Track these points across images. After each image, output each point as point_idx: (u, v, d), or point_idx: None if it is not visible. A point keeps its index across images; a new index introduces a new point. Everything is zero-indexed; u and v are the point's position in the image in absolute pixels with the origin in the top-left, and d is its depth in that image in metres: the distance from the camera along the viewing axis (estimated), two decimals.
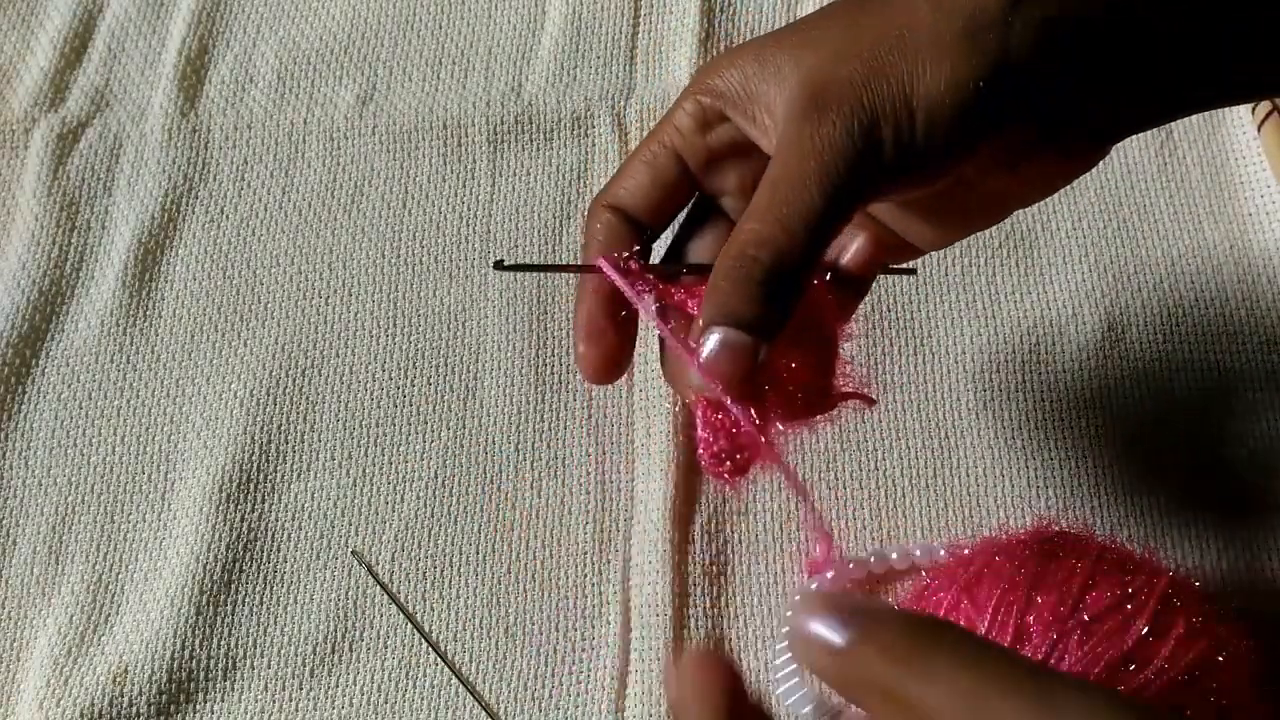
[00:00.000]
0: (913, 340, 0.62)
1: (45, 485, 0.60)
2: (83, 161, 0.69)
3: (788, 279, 0.37)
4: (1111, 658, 0.44)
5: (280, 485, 0.60)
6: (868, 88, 0.37)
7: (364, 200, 0.68)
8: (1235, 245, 0.65)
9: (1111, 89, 0.39)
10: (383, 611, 0.57)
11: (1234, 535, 0.57)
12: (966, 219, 0.44)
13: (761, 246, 0.37)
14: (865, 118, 0.37)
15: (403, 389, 0.62)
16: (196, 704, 0.54)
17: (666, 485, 0.58)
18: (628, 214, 0.43)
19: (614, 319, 0.42)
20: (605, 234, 0.42)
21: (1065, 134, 0.40)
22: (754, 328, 0.37)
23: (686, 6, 0.73)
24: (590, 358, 0.43)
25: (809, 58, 0.38)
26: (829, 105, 0.37)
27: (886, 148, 0.37)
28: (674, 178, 0.43)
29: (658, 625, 0.55)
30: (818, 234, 0.37)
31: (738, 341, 0.37)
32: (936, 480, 0.59)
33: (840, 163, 0.37)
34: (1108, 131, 0.41)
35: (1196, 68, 0.39)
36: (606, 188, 0.43)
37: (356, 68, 0.72)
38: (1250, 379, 0.61)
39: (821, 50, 0.38)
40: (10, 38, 0.73)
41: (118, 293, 0.65)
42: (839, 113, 0.37)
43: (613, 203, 0.43)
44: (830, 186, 0.37)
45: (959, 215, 0.44)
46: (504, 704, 0.55)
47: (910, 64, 0.37)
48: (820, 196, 0.37)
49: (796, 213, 0.37)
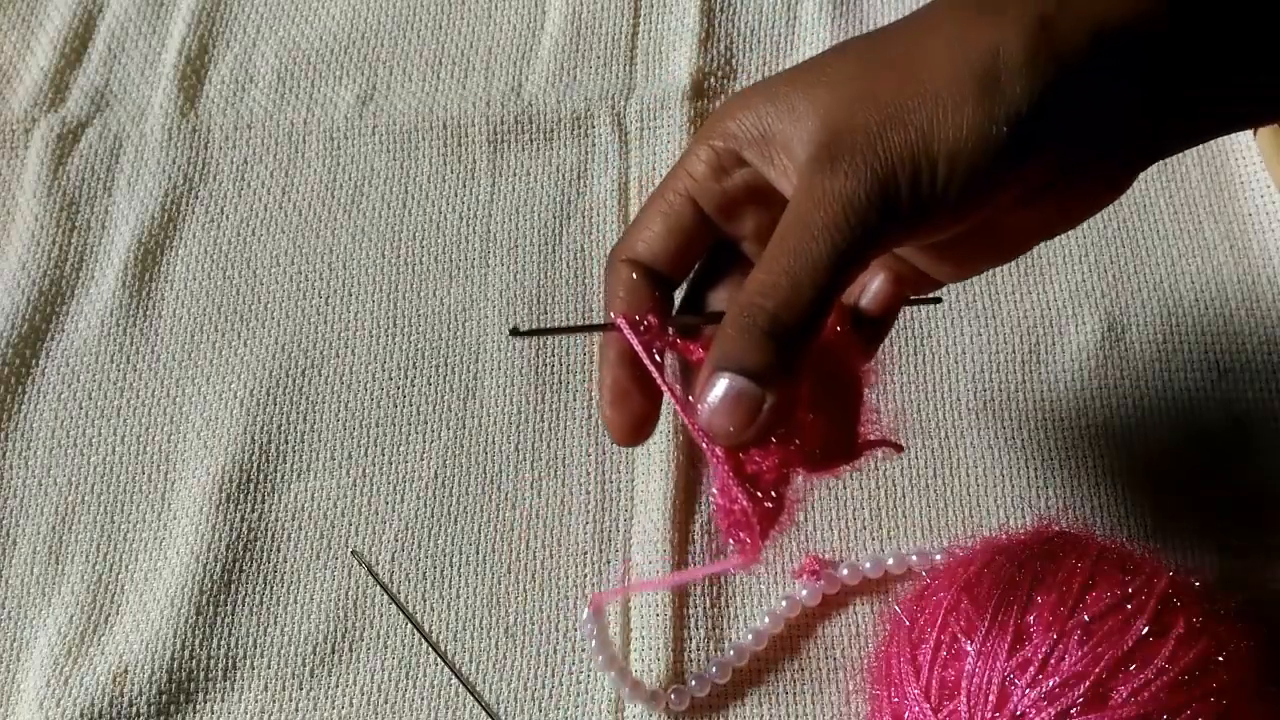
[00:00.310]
0: (913, 340, 0.62)
1: (45, 485, 0.60)
2: (83, 161, 0.69)
3: (795, 329, 0.37)
4: (1111, 658, 0.44)
5: (280, 485, 0.60)
6: (883, 137, 0.36)
7: (364, 200, 0.68)
8: (1235, 245, 0.65)
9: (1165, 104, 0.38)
10: (383, 611, 0.57)
11: (1234, 535, 0.57)
12: (989, 255, 0.43)
13: (768, 296, 0.36)
14: (881, 169, 0.36)
15: (403, 389, 0.62)
16: (196, 704, 0.54)
17: (666, 485, 0.58)
18: (647, 266, 0.42)
19: (639, 381, 0.42)
20: (625, 289, 0.42)
21: (1101, 163, 0.39)
22: (759, 376, 0.37)
23: (686, 6, 0.73)
24: (617, 421, 0.42)
25: (825, 97, 0.38)
26: (842, 155, 0.36)
27: (903, 199, 0.36)
28: (691, 226, 0.42)
29: (657, 625, 0.55)
30: (826, 286, 0.37)
31: (742, 389, 0.37)
32: (936, 480, 0.59)
33: (852, 215, 0.36)
34: (1146, 152, 0.40)
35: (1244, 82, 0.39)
36: (623, 240, 0.43)
37: (356, 68, 0.72)
38: (1250, 379, 0.61)
39: (837, 91, 0.38)
40: (10, 37, 0.73)
41: (118, 292, 0.65)
42: (852, 163, 0.36)
43: (631, 256, 0.42)
44: (840, 239, 0.36)
45: (981, 252, 0.43)
46: (504, 704, 0.55)
47: (929, 111, 0.36)
48: (829, 249, 0.36)
49: (805, 264, 0.36)
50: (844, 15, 0.73)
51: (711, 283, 0.44)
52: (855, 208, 0.36)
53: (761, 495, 0.39)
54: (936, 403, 0.61)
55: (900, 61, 0.37)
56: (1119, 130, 0.38)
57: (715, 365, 0.37)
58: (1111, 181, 0.41)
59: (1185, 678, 0.44)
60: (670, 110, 0.69)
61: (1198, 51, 0.38)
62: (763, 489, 0.40)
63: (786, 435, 0.39)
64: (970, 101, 0.36)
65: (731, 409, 0.37)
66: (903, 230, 0.37)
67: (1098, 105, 0.37)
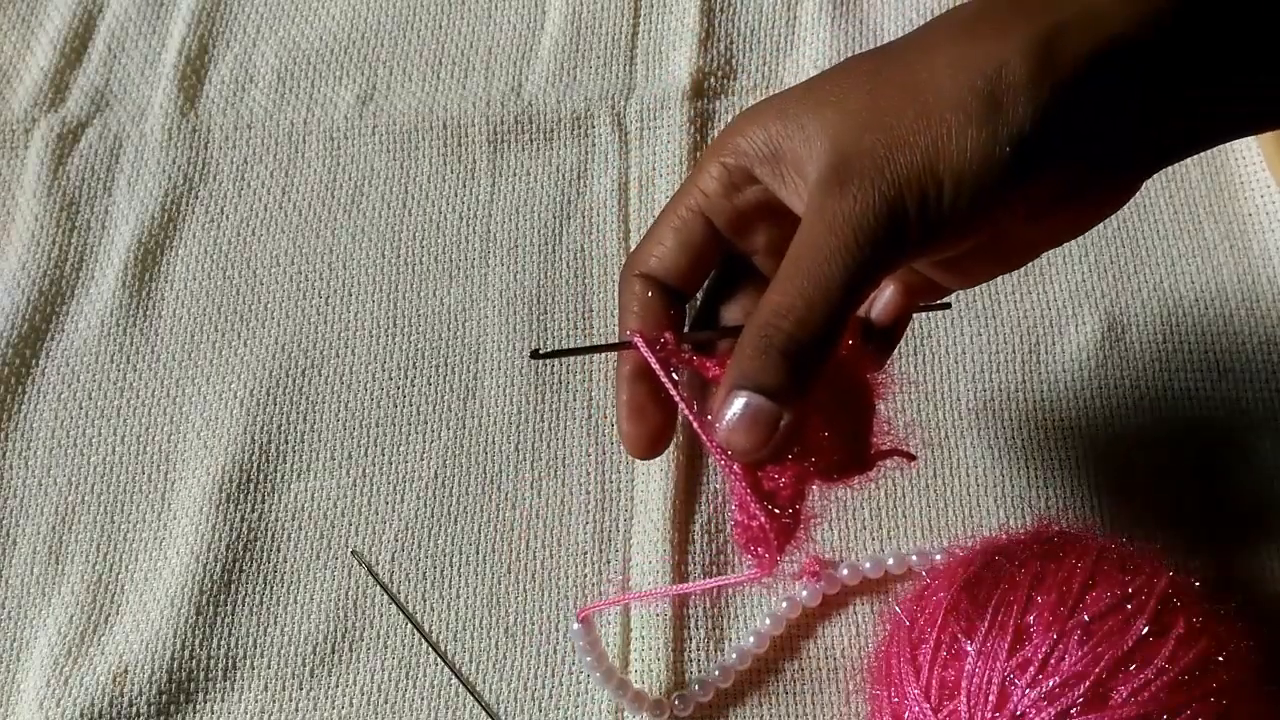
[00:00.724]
0: (913, 340, 0.62)
1: (45, 485, 0.60)
2: (83, 161, 0.69)
3: (810, 349, 0.37)
4: (1111, 658, 0.44)
5: (280, 485, 0.60)
6: (890, 161, 0.37)
7: (364, 200, 0.68)
8: (1235, 245, 0.65)
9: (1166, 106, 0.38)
10: (383, 611, 0.57)
11: (1234, 535, 0.57)
12: (997, 264, 0.44)
13: (784, 317, 0.37)
14: (889, 191, 0.37)
15: (403, 389, 0.62)
16: (196, 704, 0.54)
17: (666, 485, 0.58)
18: (659, 281, 0.43)
19: (655, 397, 0.42)
20: (639, 304, 0.42)
21: (1108, 174, 0.40)
22: (776, 394, 0.37)
23: (686, 6, 0.73)
24: (634, 436, 0.43)
25: (833, 118, 0.38)
26: (851, 178, 0.37)
27: (911, 220, 0.37)
28: (703, 241, 0.42)
29: (657, 625, 0.55)
30: (840, 307, 0.37)
31: (760, 407, 0.38)
32: (936, 480, 0.59)
33: (862, 237, 0.37)
34: (1151, 162, 0.40)
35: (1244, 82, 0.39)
36: (635, 255, 0.43)
37: (356, 68, 0.72)
38: (1250, 379, 0.61)
39: (845, 112, 0.38)
40: (10, 37, 0.73)
41: (118, 292, 0.65)
42: (861, 187, 0.37)
43: (644, 271, 0.43)
44: (852, 262, 0.37)
45: (989, 262, 0.44)
46: (504, 704, 0.55)
47: (934, 133, 0.37)
48: (842, 271, 0.37)
49: (818, 286, 0.37)
50: (844, 15, 0.73)
51: (724, 296, 0.44)
52: (865, 230, 0.37)
53: (779, 511, 0.40)
54: (936, 403, 0.61)
55: (905, 82, 0.38)
56: (1123, 144, 0.39)
57: (733, 384, 0.38)
58: (1117, 192, 0.41)
59: (1185, 678, 0.44)
60: (670, 110, 0.69)
61: (1198, 52, 0.38)
62: (780, 505, 0.40)
63: (802, 451, 0.40)
64: (974, 123, 0.37)
65: (749, 427, 0.38)
66: (912, 250, 0.38)
67: (1101, 122, 0.38)
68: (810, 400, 0.39)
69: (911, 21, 0.72)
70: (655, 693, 0.54)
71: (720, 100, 0.70)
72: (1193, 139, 0.41)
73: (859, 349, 0.43)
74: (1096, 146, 0.38)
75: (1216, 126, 0.41)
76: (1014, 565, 0.48)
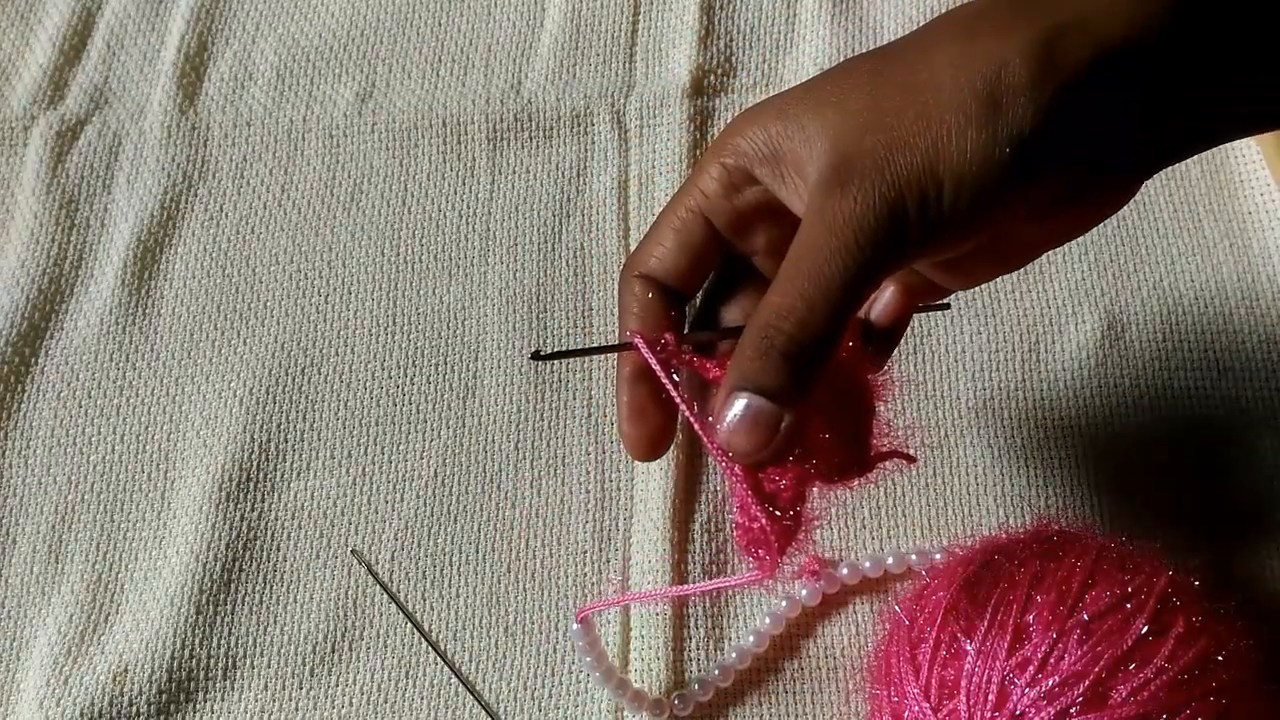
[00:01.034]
0: (912, 340, 0.62)
1: (45, 485, 0.60)
2: (82, 159, 0.69)
3: (811, 350, 0.37)
4: (1111, 657, 0.44)
5: (280, 485, 0.60)
6: (890, 162, 0.37)
7: (363, 198, 0.68)
8: (1235, 244, 0.65)
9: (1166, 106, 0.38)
10: (383, 611, 0.57)
11: (1234, 534, 0.57)
12: (998, 265, 0.44)
13: (785, 318, 0.37)
14: (890, 192, 0.37)
15: (402, 388, 0.62)
16: (196, 704, 0.54)
17: (666, 485, 0.58)
18: (659, 282, 0.42)
19: (656, 398, 0.42)
20: (639, 305, 0.42)
21: (1108, 175, 0.40)
22: (777, 396, 0.37)
23: (686, 4, 0.73)
24: (635, 437, 0.43)
25: (834, 118, 0.38)
26: (852, 179, 0.37)
27: (911, 221, 0.37)
28: (703, 242, 0.42)
29: (657, 624, 0.55)
30: (840, 308, 0.37)
31: (760, 408, 0.38)
32: (936, 480, 0.59)
33: (862, 238, 0.37)
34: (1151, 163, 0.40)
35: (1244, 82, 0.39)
36: (635, 256, 0.43)
37: (356, 65, 0.72)
38: (1250, 378, 0.61)
39: (846, 113, 0.38)
40: (9, 35, 0.73)
41: (117, 291, 0.65)
42: (861, 188, 0.37)
43: (644, 272, 0.43)
44: (852, 262, 0.37)
45: (990, 262, 0.44)
46: (504, 704, 0.55)
47: (935, 134, 0.37)
48: (842, 272, 0.37)
49: (819, 287, 0.37)
50: (844, 13, 0.73)
51: (723, 297, 0.44)
52: (865, 231, 0.37)
53: (780, 513, 0.40)
54: (936, 402, 0.61)
55: (905, 83, 0.38)
56: (1124, 145, 0.39)
57: (733, 386, 0.38)
58: (1117, 192, 0.41)
59: (1185, 677, 0.44)
60: (670, 108, 0.69)
61: (1198, 52, 0.38)
62: (781, 507, 0.40)
63: (803, 452, 0.40)
64: (974, 124, 0.37)
65: (750, 428, 0.38)
66: (913, 251, 0.38)
67: (1101, 123, 0.38)
68: (811, 402, 0.39)
69: (912, 20, 0.72)
70: (655, 692, 0.54)
71: (720, 98, 0.70)
72: (1193, 139, 0.41)
73: (859, 350, 0.43)
74: (1097, 148, 0.38)
75: (1217, 127, 0.41)
76: (1013, 564, 0.48)
